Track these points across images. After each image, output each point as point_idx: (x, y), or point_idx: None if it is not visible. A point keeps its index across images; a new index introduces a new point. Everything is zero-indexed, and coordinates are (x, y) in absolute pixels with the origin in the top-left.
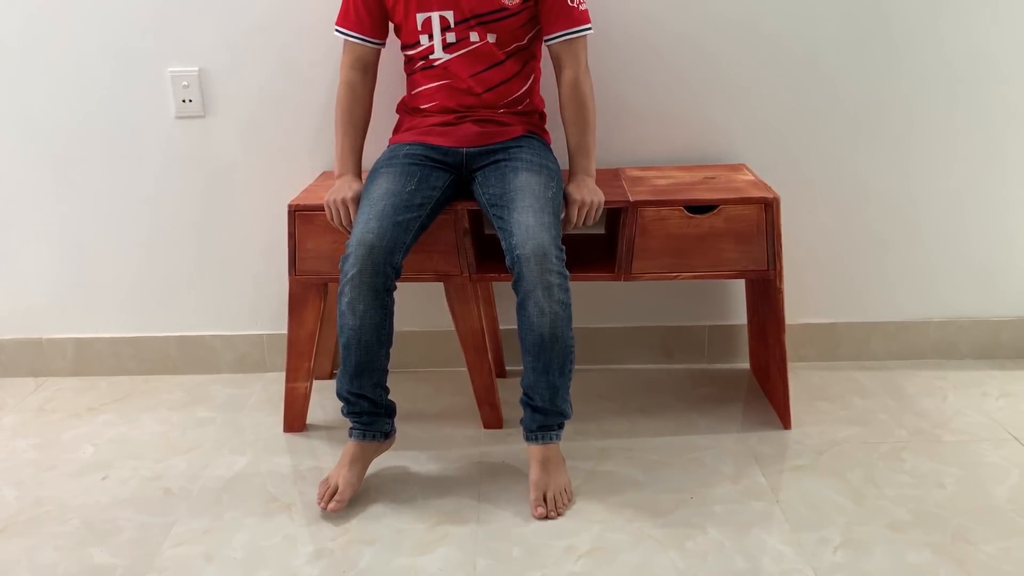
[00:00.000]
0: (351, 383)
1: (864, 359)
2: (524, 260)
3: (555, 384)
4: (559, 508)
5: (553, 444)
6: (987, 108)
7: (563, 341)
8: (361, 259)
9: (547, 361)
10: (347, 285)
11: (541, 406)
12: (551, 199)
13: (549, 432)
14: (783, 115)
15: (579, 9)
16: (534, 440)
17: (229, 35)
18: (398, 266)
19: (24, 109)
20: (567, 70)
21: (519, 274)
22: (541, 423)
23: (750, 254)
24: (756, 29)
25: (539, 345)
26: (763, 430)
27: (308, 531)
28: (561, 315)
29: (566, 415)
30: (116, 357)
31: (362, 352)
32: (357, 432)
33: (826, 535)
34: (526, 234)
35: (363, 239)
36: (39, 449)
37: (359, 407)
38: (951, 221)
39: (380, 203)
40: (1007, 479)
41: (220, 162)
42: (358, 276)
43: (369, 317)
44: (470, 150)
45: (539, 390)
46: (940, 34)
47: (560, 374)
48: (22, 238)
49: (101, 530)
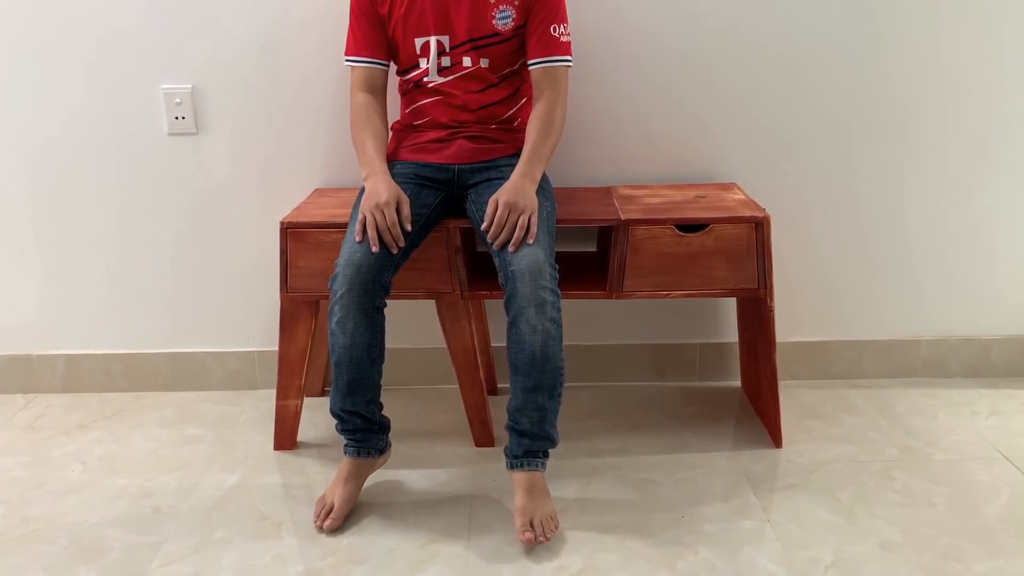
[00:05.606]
0: (343, 401)
1: (855, 377)
2: (519, 276)
3: (543, 407)
4: (547, 534)
5: (538, 472)
6: (976, 128)
7: (554, 361)
8: (349, 279)
9: (537, 381)
10: (336, 304)
11: (528, 430)
12: (545, 219)
13: (535, 459)
14: (774, 135)
15: (561, 40)
16: (519, 467)
17: (222, 53)
18: (387, 284)
19: (16, 124)
20: (546, 94)
21: (512, 291)
22: (527, 448)
23: (741, 273)
24: (748, 49)
25: (530, 363)
26: (754, 448)
27: (299, 550)
28: (553, 334)
29: (553, 442)
30: (106, 374)
31: (353, 370)
32: (351, 449)
33: (817, 554)
34: (521, 250)
35: (351, 259)
36: (28, 467)
37: (352, 424)
38: (941, 240)
39: None
40: (997, 498)
41: (212, 179)
42: (347, 295)
43: (359, 335)
44: (462, 166)
45: (527, 412)
46: (931, 55)
47: (549, 396)
48: (13, 254)
49: (89, 549)
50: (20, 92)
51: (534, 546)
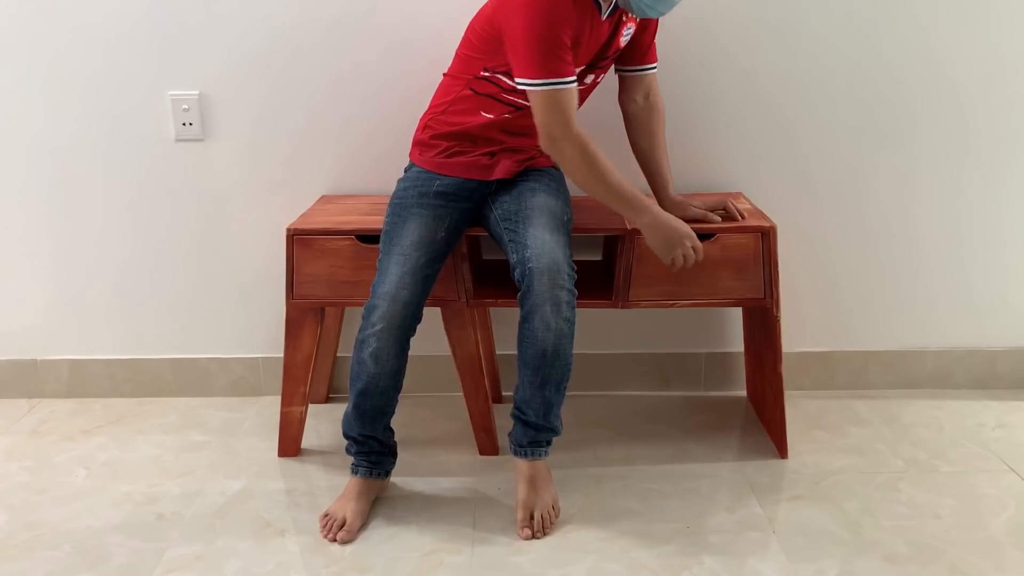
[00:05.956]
0: (363, 426)
1: (860, 388)
2: (537, 273)
3: (550, 399)
4: (545, 528)
5: (541, 460)
6: (985, 138)
7: (564, 358)
8: (391, 316)
9: (545, 376)
10: (373, 336)
11: (534, 421)
12: (566, 223)
13: (539, 448)
14: (780, 144)
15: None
16: (523, 455)
17: (230, 59)
18: (420, 315)
19: (24, 130)
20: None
21: (528, 287)
22: (532, 438)
23: (747, 282)
24: (755, 57)
25: (540, 359)
26: (759, 459)
27: (302, 558)
28: (566, 332)
29: (557, 431)
30: (111, 379)
31: (379, 398)
32: (364, 470)
33: (822, 566)
34: (542, 248)
35: (397, 295)
36: (31, 472)
37: (368, 447)
38: (948, 251)
39: (414, 254)
40: (1004, 511)
41: (219, 185)
42: (386, 331)
43: (390, 365)
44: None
45: (533, 404)
46: (941, 62)
47: (556, 390)
48: (19, 258)
49: (92, 556)
50: (27, 98)
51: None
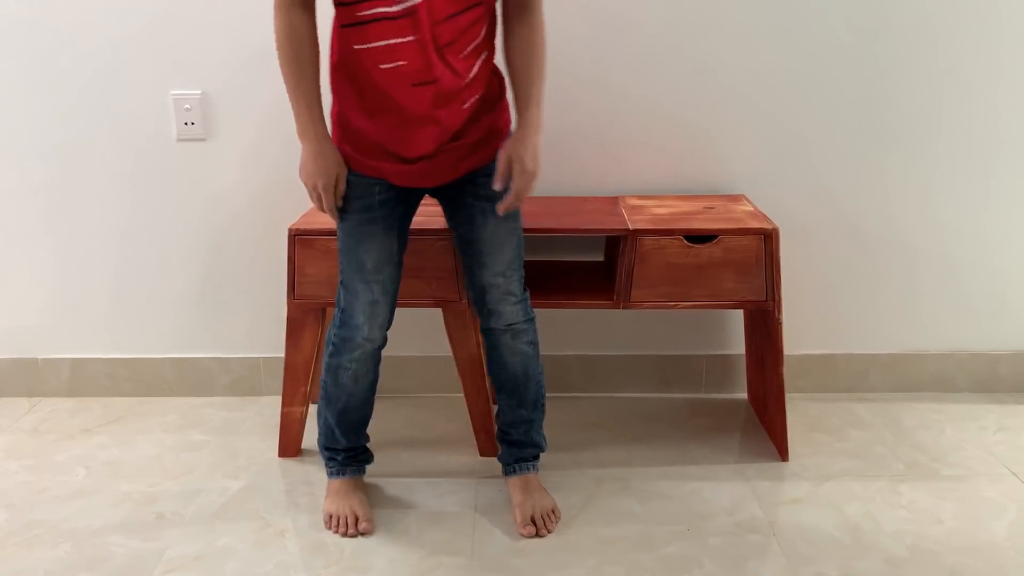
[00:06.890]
0: (348, 438)
1: (861, 391)
2: (496, 315)
3: (530, 419)
4: (548, 526)
5: (531, 473)
6: (986, 141)
7: (534, 378)
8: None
9: (521, 398)
10: (352, 362)
11: (518, 439)
12: (517, 244)
13: (526, 463)
14: (782, 147)
15: None
16: (512, 472)
17: (232, 59)
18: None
19: (25, 129)
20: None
21: (486, 323)
22: (518, 456)
23: (749, 285)
24: (757, 59)
25: (512, 383)
26: (760, 461)
27: (301, 559)
28: (531, 354)
29: (541, 447)
30: (111, 378)
31: (360, 409)
32: (353, 469)
33: (823, 569)
34: (495, 293)
35: (371, 335)
36: (31, 471)
37: (355, 452)
38: (950, 254)
39: (378, 276)
40: (1005, 515)
41: (221, 185)
42: (361, 360)
43: (369, 380)
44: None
45: (515, 425)
46: (937, 68)
47: (534, 409)
48: (20, 257)
49: (92, 555)
50: (29, 97)
51: (540, 554)
